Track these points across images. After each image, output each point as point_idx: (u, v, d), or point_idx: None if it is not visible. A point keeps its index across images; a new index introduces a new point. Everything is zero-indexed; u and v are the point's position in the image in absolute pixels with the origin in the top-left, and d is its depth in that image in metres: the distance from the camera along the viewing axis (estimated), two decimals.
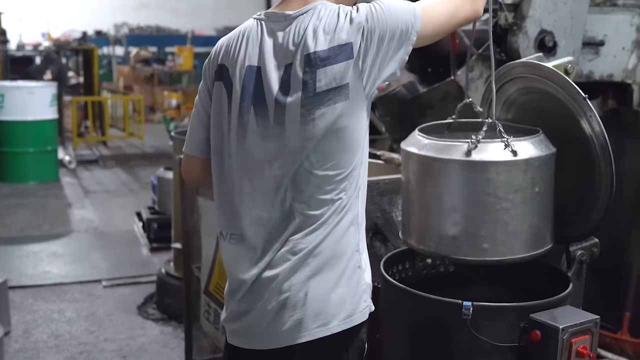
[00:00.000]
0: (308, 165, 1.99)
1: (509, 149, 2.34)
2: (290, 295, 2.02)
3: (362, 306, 2.09)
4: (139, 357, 4.56)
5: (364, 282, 2.10)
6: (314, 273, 2.01)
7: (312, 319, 2.02)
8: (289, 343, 2.04)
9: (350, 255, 2.06)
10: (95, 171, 10.81)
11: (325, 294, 2.02)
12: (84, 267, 6.32)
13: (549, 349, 2.26)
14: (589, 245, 2.68)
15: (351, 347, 2.09)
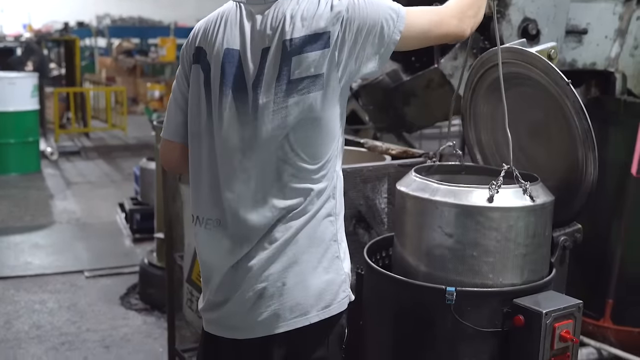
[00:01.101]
0: (282, 155, 1.98)
1: (527, 194, 2.34)
2: (268, 285, 2.00)
3: (341, 296, 2.08)
4: (121, 347, 4.54)
5: (342, 272, 2.09)
6: (291, 263, 2.00)
7: (290, 309, 2.01)
8: (267, 333, 2.02)
9: (328, 245, 2.05)
10: (77, 162, 10.74)
11: (303, 284, 2.01)
12: (66, 258, 6.28)
13: (532, 334, 2.26)
14: (572, 231, 2.68)
15: (331, 334, 2.08)
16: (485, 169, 2.74)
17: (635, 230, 4.28)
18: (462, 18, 2.13)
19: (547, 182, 2.64)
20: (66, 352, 4.47)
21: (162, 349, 4.36)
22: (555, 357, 2.28)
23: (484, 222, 2.30)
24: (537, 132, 2.70)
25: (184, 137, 2.16)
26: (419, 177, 2.49)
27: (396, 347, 2.50)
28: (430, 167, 2.71)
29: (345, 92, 2.03)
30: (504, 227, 2.31)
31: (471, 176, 2.72)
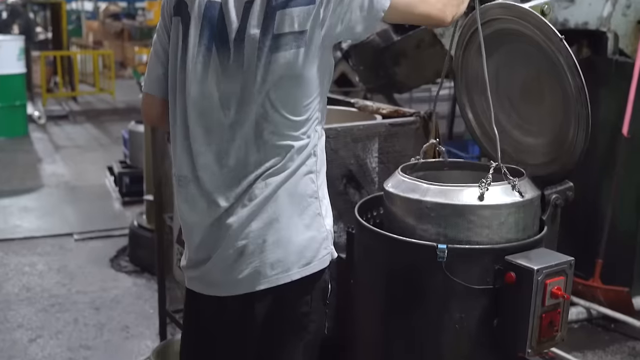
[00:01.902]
0: (262, 112, 1.95)
1: (516, 190, 2.35)
2: (249, 242, 1.98)
3: (322, 253, 2.07)
4: (112, 308, 4.53)
5: (324, 229, 2.08)
6: (272, 220, 1.98)
7: (271, 266, 1.99)
8: (248, 290, 2.01)
9: (308, 203, 2.03)
10: (65, 126, 10.67)
11: (284, 240, 1.99)
12: (55, 221, 6.26)
13: (523, 291, 2.26)
14: (564, 189, 2.67)
15: (313, 290, 2.07)
16: (468, 164, 2.76)
17: (625, 191, 4.30)
18: (447, 4, 2.11)
19: (539, 140, 2.64)
20: (56, 313, 4.46)
21: (152, 310, 4.36)
22: (546, 314, 2.28)
23: (476, 220, 2.31)
24: (529, 91, 2.68)
25: (164, 91, 2.12)
26: (407, 178, 2.50)
27: (387, 305, 2.50)
28: (414, 165, 2.71)
29: (328, 51, 2.00)
30: (495, 224, 2.32)
31: (455, 171, 2.74)
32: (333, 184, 2.93)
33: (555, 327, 2.32)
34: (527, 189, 2.41)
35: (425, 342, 2.41)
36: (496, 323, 2.34)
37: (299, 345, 2.08)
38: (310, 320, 2.08)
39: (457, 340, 2.37)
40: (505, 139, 2.75)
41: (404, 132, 3.09)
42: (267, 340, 2.05)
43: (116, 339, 4.15)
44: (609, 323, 4.27)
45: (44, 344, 4.08)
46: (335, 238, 2.91)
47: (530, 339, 2.28)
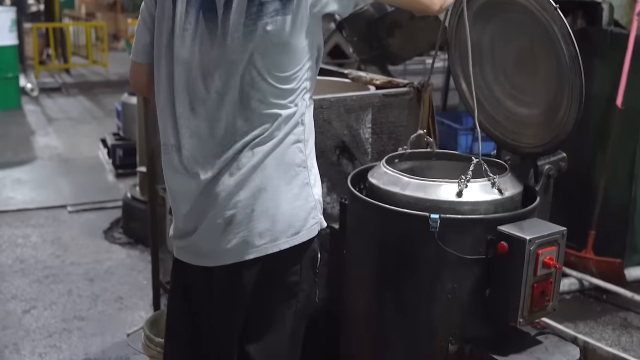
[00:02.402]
0: (249, 80, 1.93)
1: (496, 188, 2.37)
2: (237, 212, 1.98)
3: (311, 222, 2.06)
4: (105, 280, 4.54)
5: (312, 198, 2.07)
6: (259, 189, 1.97)
7: (259, 236, 1.99)
8: (237, 260, 2.01)
9: (297, 172, 2.02)
10: (58, 99, 10.62)
11: (272, 210, 1.99)
12: (48, 193, 6.24)
13: (515, 261, 2.26)
14: (557, 160, 2.67)
15: (302, 259, 2.07)
16: (455, 155, 2.78)
17: (619, 163, 4.30)
18: None
19: (533, 110, 2.63)
20: (50, 284, 4.46)
21: (146, 281, 4.37)
22: (538, 284, 2.29)
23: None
24: (523, 61, 2.67)
25: (152, 59, 2.10)
26: (390, 170, 2.51)
27: (380, 275, 2.51)
28: (401, 154, 2.72)
29: (317, 20, 1.98)
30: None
31: (442, 162, 2.76)
32: (326, 155, 2.93)
33: (547, 297, 2.33)
34: (508, 186, 2.43)
35: (418, 312, 2.42)
36: (488, 293, 2.35)
37: (289, 314, 2.08)
38: (300, 289, 2.09)
39: (449, 310, 2.38)
40: (499, 110, 2.75)
41: (397, 102, 3.08)
42: (256, 309, 2.06)
43: (110, 309, 4.16)
44: (601, 294, 4.29)
45: (38, 314, 4.09)
46: (328, 209, 2.94)
47: (522, 309, 2.29)
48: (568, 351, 2.40)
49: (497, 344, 2.37)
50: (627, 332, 3.91)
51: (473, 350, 2.37)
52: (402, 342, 2.46)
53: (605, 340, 3.79)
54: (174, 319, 2.27)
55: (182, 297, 2.22)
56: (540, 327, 2.57)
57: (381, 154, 3.05)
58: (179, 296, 2.24)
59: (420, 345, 2.44)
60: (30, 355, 3.66)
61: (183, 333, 2.24)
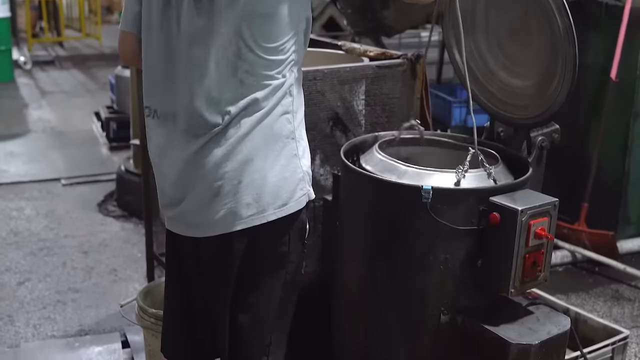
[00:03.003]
0: (236, 50, 1.93)
1: (491, 178, 2.39)
2: (224, 183, 1.97)
3: (299, 194, 2.06)
4: (100, 252, 4.54)
5: (300, 170, 2.06)
6: (247, 160, 1.97)
7: (247, 207, 1.98)
8: (224, 231, 2.01)
9: (285, 143, 2.02)
10: (51, 72, 10.55)
11: (260, 181, 1.98)
12: (42, 166, 6.23)
13: (507, 231, 2.27)
14: (550, 132, 2.67)
15: (291, 230, 2.07)
16: (444, 142, 2.76)
17: (612, 135, 4.31)
18: None
19: (526, 81, 2.63)
20: (44, 257, 4.47)
21: (140, 254, 4.37)
22: (529, 254, 2.30)
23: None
24: (517, 32, 2.66)
25: (140, 29, 2.09)
26: (385, 157, 2.52)
27: (372, 246, 2.52)
28: (391, 140, 2.72)
29: None
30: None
31: (431, 148, 2.77)
32: (319, 127, 2.93)
33: (539, 267, 2.35)
34: (501, 177, 2.44)
35: (410, 282, 2.43)
36: (480, 263, 2.36)
37: (278, 285, 2.09)
38: (289, 260, 2.09)
39: (441, 281, 2.39)
40: (492, 81, 2.74)
41: (391, 74, 3.07)
42: (246, 279, 2.06)
43: (104, 282, 4.17)
44: (593, 266, 4.32)
45: (32, 287, 4.10)
46: (321, 181, 2.94)
47: (514, 279, 2.31)
48: (559, 321, 2.42)
49: (488, 314, 2.39)
50: (618, 304, 3.94)
51: (465, 320, 2.39)
52: (394, 312, 2.48)
53: (597, 311, 3.82)
54: (170, 290, 2.28)
55: (176, 268, 2.23)
56: (531, 298, 2.59)
57: (374, 126, 3.05)
58: (173, 267, 2.25)
59: (413, 316, 2.45)
60: (24, 326, 3.68)
61: (178, 304, 2.26)
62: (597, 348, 3.05)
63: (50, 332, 3.63)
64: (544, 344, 2.31)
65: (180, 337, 2.28)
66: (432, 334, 2.43)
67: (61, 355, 3.39)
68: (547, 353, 2.33)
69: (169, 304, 2.30)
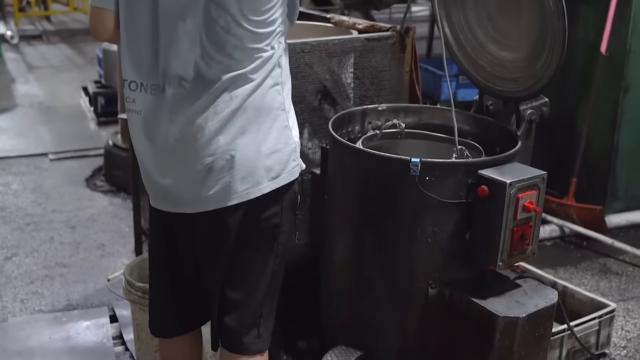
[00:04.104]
0: (224, 24, 1.90)
1: None
2: (217, 158, 1.95)
3: (292, 165, 2.05)
4: (88, 227, 4.52)
5: (292, 141, 2.05)
6: (239, 134, 1.94)
7: (242, 181, 1.97)
8: (219, 206, 1.99)
9: (276, 115, 2.00)
10: (38, 46, 10.45)
11: (253, 155, 1.96)
12: (29, 141, 6.18)
13: (496, 205, 2.27)
14: (539, 105, 2.67)
15: (283, 201, 2.06)
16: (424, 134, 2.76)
17: (601, 110, 4.30)
18: None
19: (516, 54, 2.61)
20: (32, 232, 4.45)
21: (128, 229, 4.35)
22: (518, 227, 2.30)
23: None
24: (507, 5, 2.64)
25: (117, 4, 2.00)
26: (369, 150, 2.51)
27: (360, 219, 2.51)
28: (374, 136, 2.73)
29: None
30: None
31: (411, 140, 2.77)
32: (307, 100, 2.91)
33: (527, 240, 2.35)
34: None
35: (398, 255, 2.43)
36: (468, 236, 2.36)
37: (271, 256, 2.09)
38: (281, 231, 2.08)
39: (429, 254, 2.39)
40: (482, 54, 2.73)
41: (380, 47, 3.05)
42: (238, 252, 2.05)
43: (92, 256, 4.15)
44: (581, 241, 4.33)
45: (19, 261, 4.07)
46: (309, 154, 2.93)
47: (502, 252, 2.31)
48: (547, 295, 2.43)
49: (476, 287, 2.39)
50: (606, 278, 3.95)
51: (452, 293, 2.39)
52: (382, 285, 2.48)
53: (585, 285, 3.83)
54: (156, 267, 2.26)
55: (162, 245, 2.21)
56: (519, 271, 2.60)
57: (363, 99, 3.04)
58: (160, 244, 2.23)
59: (400, 288, 2.46)
60: (12, 301, 3.66)
61: (165, 280, 2.25)
62: (584, 321, 3.06)
63: (37, 307, 3.62)
64: (531, 317, 2.31)
65: (168, 314, 2.27)
66: (420, 307, 2.43)
67: (49, 330, 3.38)
68: (534, 326, 2.34)
69: (155, 281, 2.28)
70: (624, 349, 3.30)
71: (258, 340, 2.14)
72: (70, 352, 3.23)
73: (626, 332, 3.43)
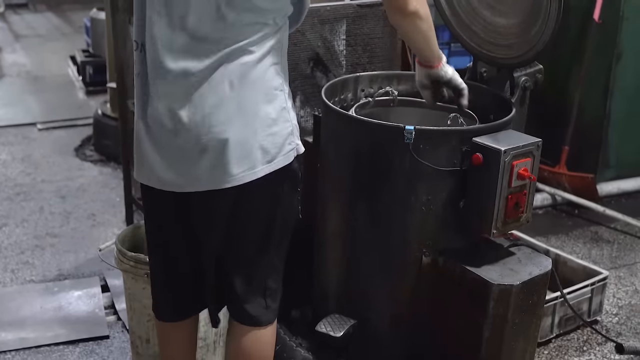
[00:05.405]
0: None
1: None
2: (212, 137, 1.87)
3: (287, 149, 1.98)
4: (78, 197, 4.49)
5: (290, 123, 1.98)
6: (235, 114, 1.87)
7: (237, 164, 1.90)
8: (212, 188, 1.93)
9: (275, 95, 1.93)
10: (25, 15, 10.32)
11: (250, 136, 1.90)
12: (17, 110, 6.12)
13: (490, 172, 2.26)
14: (533, 72, 2.65)
15: (282, 181, 2.01)
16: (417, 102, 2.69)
17: (594, 78, 4.28)
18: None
19: (510, 20, 2.59)
20: (21, 202, 4.41)
21: (119, 198, 4.32)
22: (512, 195, 2.29)
23: None
24: None
25: None
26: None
27: (354, 187, 2.50)
28: (367, 103, 2.69)
29: None
30: None
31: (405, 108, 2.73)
32: (300, 67, 2.88)
33: (521, 208, 2.34)
34: None
35: (392, 223, 2.42)
36: (462, 204, 2.35)
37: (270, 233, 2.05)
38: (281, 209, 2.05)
39: (423, 222, 2.38)
40: (476, 20, 2.70)
41: (372, 13, 3.02)
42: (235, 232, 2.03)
43: (83, 226, 4.12)
44: (573, 209, 4.33)
45: (9, 232, 4.05)
46: (302, 122, 2.90)
47: (496, 220, 2.30)
48: (540, 262, 2.42)
49: (470, 255, 2.39)
50: (597, 246, 3.96)
51: (446, 261, 2.38)
52: (375, 253, 2.47)
53: (577, 253, 3.84)
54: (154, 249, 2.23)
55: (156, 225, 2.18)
56: (513, 239, 2.59)
57: (355, 67, 3.01)
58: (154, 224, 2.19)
59: (394, 257, 2.45)
60: (2, 271, 3.64)
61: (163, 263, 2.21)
62: (577, 289, 3.07)
63: (29, 277, 3.60)
64: (525, 285, 2.31)
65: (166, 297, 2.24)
66: (414, 275, 2.43)
67: (41, 300, 3.37)
68: (528, 293, 2.34)
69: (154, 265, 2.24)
70: (615, 316, 3.31)
71: (267, 311, 2.13)
72: (62, 322, 3.22)
73: (618, 300, 3.45)
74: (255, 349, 2.16)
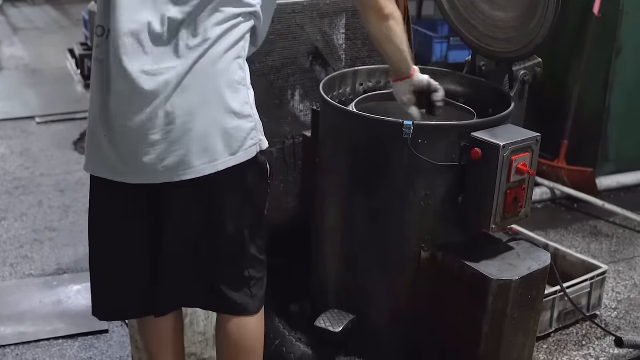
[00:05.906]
0: None
1: None
2: (174, 128, 1.87)
3: (249, 143, 1.96)
4: (76, 190, 4.48)
5: (252, 118, 1.98)
6: (198, 106, 1.87)
7: (197, 155, 1.89)
8: (172, 179, 1.92)
9: (236, 89, 1.94)
10: (23, 8, 10.30)
11: (211, 128, 1.90)
12: (15, 103, 6.10)
13: (489, 167, 2.25)
14: (532, 65, 2.64)
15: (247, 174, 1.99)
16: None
17: (593, 71, 4.28)
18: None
19: (509, 13, 2.58)
20: (20, 196, 4.41)
21: None
22: (511, 190, 2.29)
23: None
24: None
25: None
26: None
27: (352, 182, 2.49)
28: (365, 98, 2.68)
29: None
30: None
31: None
32: (298, 61, 2.87)
33: (520, 203, 2.34)
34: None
35: (390, 218, 2.41)
36: (461, 199, 2.35)
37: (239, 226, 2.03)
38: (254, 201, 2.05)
39: (421, 217, 2.38)
40: (474, 14, 2.69)
41: None
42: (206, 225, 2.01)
43: (81, 220, 4.11)
44: (572, 203, 4.33)
45: (8, 225, 4.05)
46: (300, 116, 2.90)
47: (495, 215, 2.30)
48: (539, 257, 2.42)
49: (469, 250, 2.39)
50: (596, 240, 3.96)
51: (445, 256, 2.38)
52: (374, 248, 2.47)
53: (575, 247, 3.84)
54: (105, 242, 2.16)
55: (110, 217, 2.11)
56: (512, 234, 2.59)
57: (355, 61, 3.00)
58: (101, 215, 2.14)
59: (393, 252, 2.44)
60: (1, 265, 3.64)
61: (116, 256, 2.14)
62: (576, 283, 3.07)
63: (27, 271, 3.60)
64: (524, 279, 2.31)
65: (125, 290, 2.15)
66: (412, 270, 2.43)
67: (40, 294, 3.37)
68: (527, 288, 2.34)
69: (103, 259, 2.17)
70: (614, 310, 3.32)
71: (252, 299, 2.11)
72: (61, 316, 3.22)
73: (617, 294, 3.45)
74: (242, 337, 2.15)
